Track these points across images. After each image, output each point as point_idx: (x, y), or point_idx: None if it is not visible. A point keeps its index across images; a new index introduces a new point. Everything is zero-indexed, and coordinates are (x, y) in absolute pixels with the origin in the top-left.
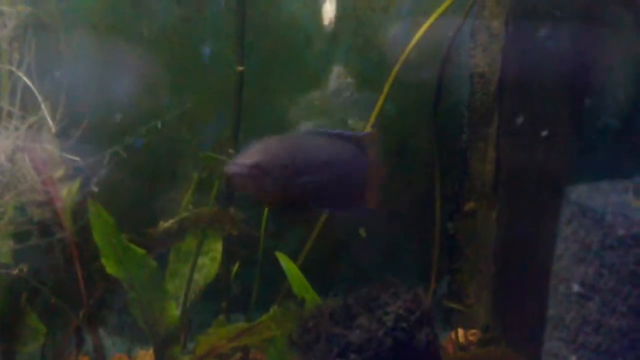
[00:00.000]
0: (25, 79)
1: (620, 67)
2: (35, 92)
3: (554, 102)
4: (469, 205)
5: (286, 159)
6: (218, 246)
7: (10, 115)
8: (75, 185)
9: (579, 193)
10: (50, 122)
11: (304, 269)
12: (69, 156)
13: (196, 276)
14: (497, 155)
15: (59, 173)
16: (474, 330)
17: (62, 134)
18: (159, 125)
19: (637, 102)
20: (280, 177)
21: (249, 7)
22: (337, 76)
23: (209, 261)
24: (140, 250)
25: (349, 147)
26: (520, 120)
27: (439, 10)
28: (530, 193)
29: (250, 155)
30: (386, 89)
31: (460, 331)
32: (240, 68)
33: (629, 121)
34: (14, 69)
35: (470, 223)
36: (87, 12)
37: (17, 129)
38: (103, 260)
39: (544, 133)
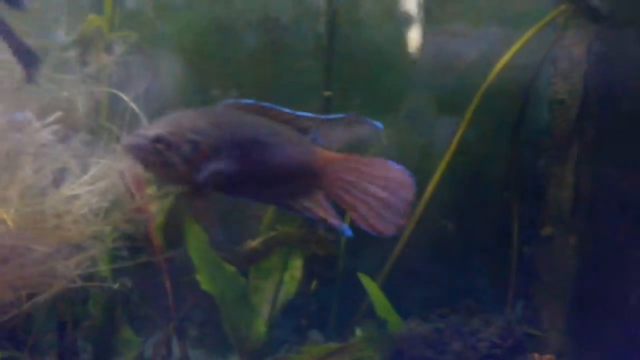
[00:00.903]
0: (130, 102)
1: None
2: (140, 113)
3: (638, 130)
4: (546, 230)
5: (199, 135)
6: (298, 264)
7: (114, 136)
8: (166, 201)
9: None
10: None
11: (382, 289)
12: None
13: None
14: (577, 181)
15: (151, 190)
16: (549, 356)
17: None
18: None
19: None
20: (190, 155)
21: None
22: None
23: (289, 279)
24: (231, 268)
25: (292, 131)
26: (601, 147)
27: (522, 39)
28: (611, 221)
29: (156, 126)
30: (468, 114)
31: (536, 356)
32: (328, 93)
33: None
34: (117, 92)
35: (547, 248)
36: (179, 36)
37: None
38: (198, 277)
39: (627, 161)
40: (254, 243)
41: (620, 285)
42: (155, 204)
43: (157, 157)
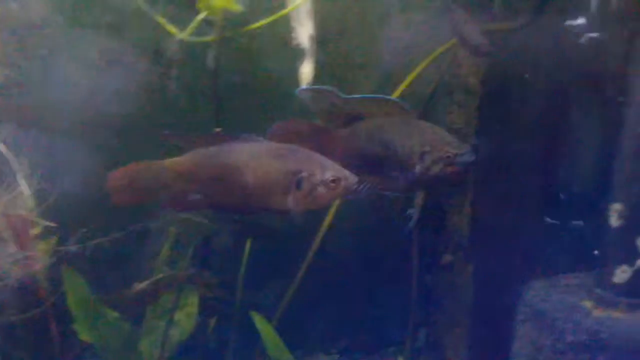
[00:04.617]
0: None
1: (591, 134)
2: (11, 160)
3: (526, 162)
4: (446, 258)
5: None
6: (194, 300)
7: None
8: (50, 243)
9: (534, 292)
10: (26, 186)
11: (282, 323)
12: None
13: (172, 332)
14: (473, 210)
15: (35, 231)
16: None
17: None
18: None
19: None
20: None
21: (228, 65)
22: None
23: (185, 316)
24: (114, 314)
25: None
26: (493, 178)
27: (416, 71)
28: (502, 251)
29: None
30: None
31: None
32: (218, 130)
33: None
34: None
35: (447, 275)
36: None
37: None
38: (76, 326)
39: (514, 191)
40: (140, 285)
41: (509, 315)
42: (40, 246)
43: None
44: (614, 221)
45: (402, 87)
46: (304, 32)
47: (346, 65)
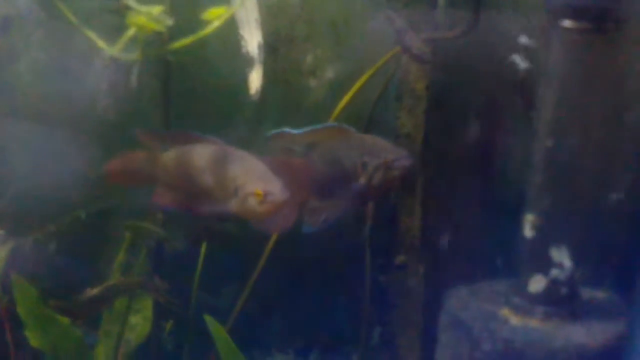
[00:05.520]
0: None
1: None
2: None
3: (471, 167)
4: (399, 259)
5: None
6: (148, 304)
7: None
8: (3, 250)
9: (456, 299)
10: None
11: (237, 324)
12: None
13: (129, 335)
14: (423, 212)
15: None
16: None
17: None
18: None
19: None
20: None
21: (178, 71)
22: None
23: (142, 320)
24: (65, 320)
25: None
26: (440, 180)
27: (364, 77)
28: (449, 253)
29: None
30: None
31: None
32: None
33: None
34: None
35: (401, 276)
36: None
37: None
38: (26, 333)
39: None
40: (92, 292)
41: None
42: None
43: None
44: (528, 231)
45: (350, 94)
46: (253, 41)
47: (297, 71)
